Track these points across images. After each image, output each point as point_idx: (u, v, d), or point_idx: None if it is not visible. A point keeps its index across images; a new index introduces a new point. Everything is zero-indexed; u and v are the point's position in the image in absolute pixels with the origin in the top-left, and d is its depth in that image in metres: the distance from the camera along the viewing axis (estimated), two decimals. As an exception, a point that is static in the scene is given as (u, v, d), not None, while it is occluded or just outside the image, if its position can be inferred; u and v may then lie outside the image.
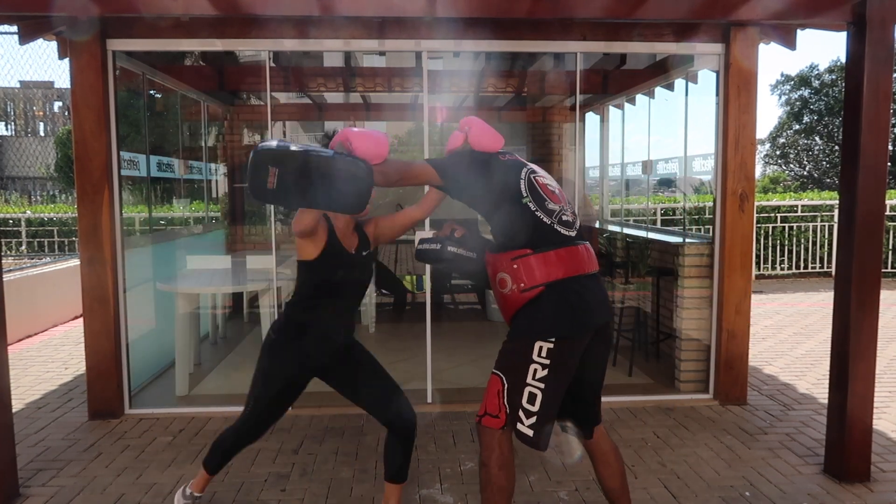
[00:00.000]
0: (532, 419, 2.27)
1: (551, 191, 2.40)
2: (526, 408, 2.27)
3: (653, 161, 6.98)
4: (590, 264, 2.38)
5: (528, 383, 2.27)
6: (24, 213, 10.97)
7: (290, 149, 2.15)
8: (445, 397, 4.51)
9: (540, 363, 2.27)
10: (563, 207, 2.39)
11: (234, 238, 7.50)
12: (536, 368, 2.27)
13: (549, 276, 2.29)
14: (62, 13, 3.59)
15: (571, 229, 2.38)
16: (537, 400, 2.26)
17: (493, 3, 3.34)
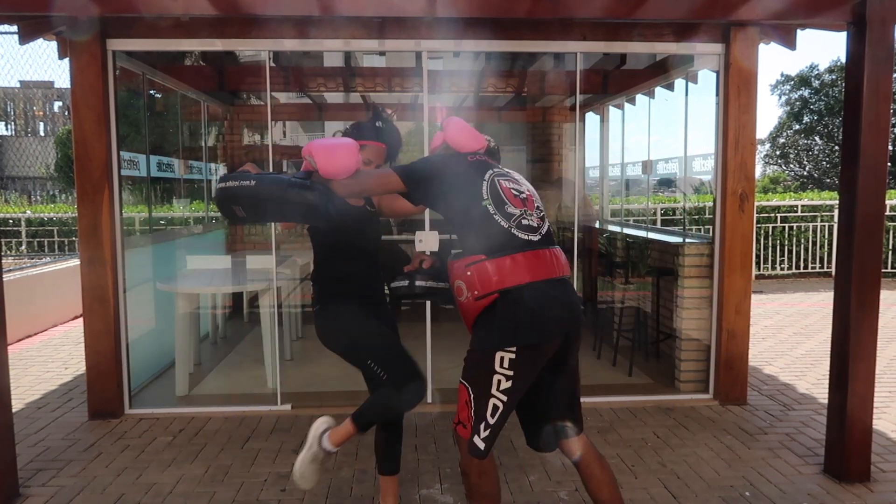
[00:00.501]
0: (487, 432, 2.23)
1: (514, 195, 2.32)
2: (487, 420, 2.23)
3: (653, 161, 6.98)
4: (554, 269, 2.27)
5: (493, 394, 2.21)
6: (24, 213, 10.97)
7: (240, 186, 2.25)
8: (445, 397, 4.51)
9: (503, 374, 2.19)
10: (524, 211, 2.30)
11: (234, 238, 7.50)
12: (500, 379, 2.20)
13: (503, 283, 2.20)
14: (62, 13, 3.59)
15: (534, 234, 2.28)
16: (498, 412, 2.22)
17: (493, 3, 3.34)
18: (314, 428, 2.67)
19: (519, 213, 2.28)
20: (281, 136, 12.62)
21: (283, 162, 8.79)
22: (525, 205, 2.32)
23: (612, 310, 5.92)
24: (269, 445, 3.75)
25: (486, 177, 2.34)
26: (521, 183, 2.42)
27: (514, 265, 2.20)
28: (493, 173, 2.37)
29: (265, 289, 4.74)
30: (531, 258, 2.23)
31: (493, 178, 2.34)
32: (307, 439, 2.64)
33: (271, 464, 3.54)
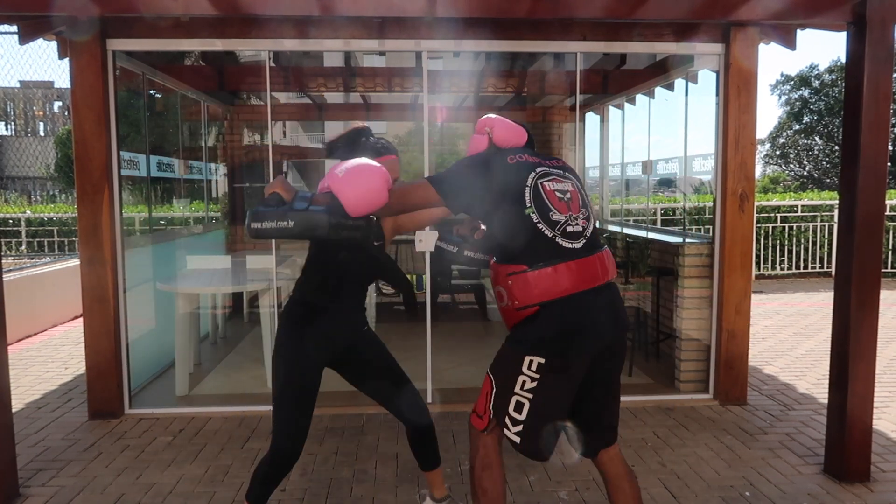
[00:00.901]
0: (518, 427, 2.21)
1: (559, 198, 2.20)
2: (512, 416, 2.22)
3: (653, 161, 6.98)
4: (598, 276, 2.19)
5: (516, 392, 2.20)
6: (24, 213, 10.97)
7: (277, 228, 2.15)
8: (445, 397, 4.51)
9: (529, 376, 2.18)
10: (570, 216, 2.19)
11: (234, 238, 7.50)
12: (525, 380, 2.19)
13: (545, 296, 2.14)
14: (62, 13, 3.59)
15: (578, 240, 2.18)
16: (524, 409, 2.20)
17: (493, 3, 3.34)
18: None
19: (564, 220, 2.18)
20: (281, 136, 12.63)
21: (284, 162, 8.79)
22: (570, 208, 2.20)
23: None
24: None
25: (530, 181, 2.20)
26: (565, 179, 2.27)
27: (556, 276, 2.13)
28: (537, 175, 2.22)
29: (265, 289, 4.74)
30: (574, 268, 2.15)
31: (537, 181, 2.21)
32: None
33: (271, 464, 3.53)
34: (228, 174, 7.61)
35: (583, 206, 2.25)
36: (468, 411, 4.24)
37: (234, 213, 7.56)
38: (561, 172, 2.28)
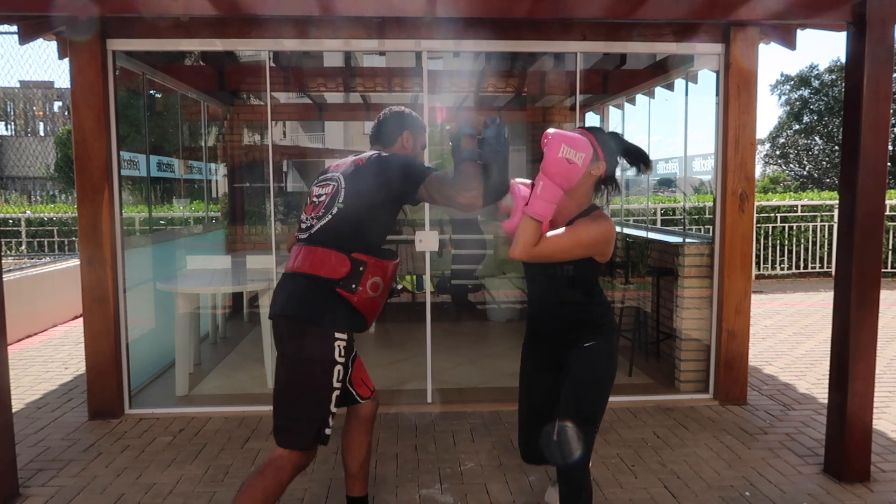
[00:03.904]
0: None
1: (313, 201, 2.49)
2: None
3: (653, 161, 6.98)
4: (293, 265, 2.42)
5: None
6: (24, 213, 10.97)
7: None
8: (445, 397, 4.51)
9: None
10: (309, 216, 2.46)
11: (234, 238, 7.50)
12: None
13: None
14: (62, 13, 3.60)
15: (304, 234, 2.45)
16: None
17: (493, 3, 3.34)
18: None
19: (305, 219, 2.48)
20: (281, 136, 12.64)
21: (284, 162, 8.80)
22: (315, 210, 2.46)
23: (613, 310, 5.92)
24: (269, 445, 3.75)
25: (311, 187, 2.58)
26: (328, 183, 2.49)
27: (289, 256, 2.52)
28: (315, 181, 2.57)
29: (265, 289, 4.74)
30: (290, 253, 2.51)
31: (312, 186, 2.57)
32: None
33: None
34: (228, 174, 7.62)
35: (325, 210, 2.42)
36: (468, 411, 4.27)
37: (234, 213, 7.57)
38: (329, 177, 2.50)
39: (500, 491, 3.22)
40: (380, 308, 2.50)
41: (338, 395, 2.41)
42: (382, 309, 2.60)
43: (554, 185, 2.17)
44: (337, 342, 2.37)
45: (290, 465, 2.36)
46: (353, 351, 2.52)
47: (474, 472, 3.43)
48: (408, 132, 2.69)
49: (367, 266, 2.37)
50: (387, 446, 3.77)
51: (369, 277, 2.37)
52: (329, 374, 2.36)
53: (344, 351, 2.40)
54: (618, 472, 3.40)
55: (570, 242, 2.28)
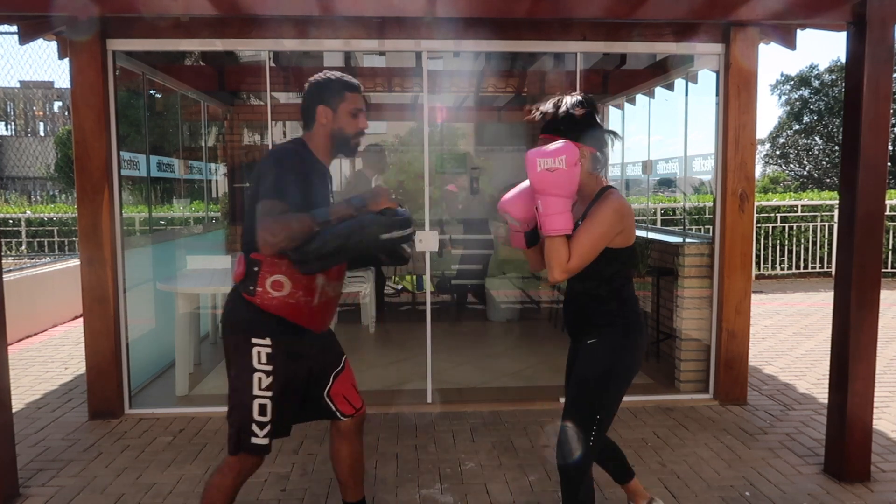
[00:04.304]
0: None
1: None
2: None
3: (653, 161, 6.99)
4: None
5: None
6: (24, 213, 10.97)
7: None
8: (445, 397, 4.50)
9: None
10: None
11: (234, 238, 7.49)
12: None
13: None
14: (62, 13, 3.60)
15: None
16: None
17: (493, 3, 3.34)
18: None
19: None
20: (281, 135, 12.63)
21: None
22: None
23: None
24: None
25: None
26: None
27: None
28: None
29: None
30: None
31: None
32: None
33: (271, 464, 3.54)
34: (228, 174, 7.62)
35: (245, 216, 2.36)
36: (468, 411, 4.27)
37: (234, 213, 7.56)
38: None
39: (500, 491, 3.22)
40: (318, 310, 2.36)
41: (264, 404, 2.28)
42: (335, 311, 2.47)
43: (551, 197, 2.12)
44: (255, 348, 2.27)
45: (227, 468, 2.34)
46: (290, 361, 2.34)
47: (474, 472, 3.43)
48: (322, 107, 2.33)
49: (261, 265, 2.24)
50: (387, 446, 3.77)
51: (266, 277, 2.24)
52: (248, 382, 2.27)
53: (267, 358, 2.27)
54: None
55: (594, 236, 2.19)
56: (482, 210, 7.77)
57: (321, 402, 2.53)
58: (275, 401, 2.31)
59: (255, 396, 2.28)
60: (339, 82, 2.34)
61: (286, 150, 2.28)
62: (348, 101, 2.33)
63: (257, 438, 2.30)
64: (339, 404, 2.55)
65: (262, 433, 2.31)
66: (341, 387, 2.56)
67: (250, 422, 2.29)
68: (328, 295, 2.40)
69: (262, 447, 2.32)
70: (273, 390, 2.30)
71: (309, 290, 2.30)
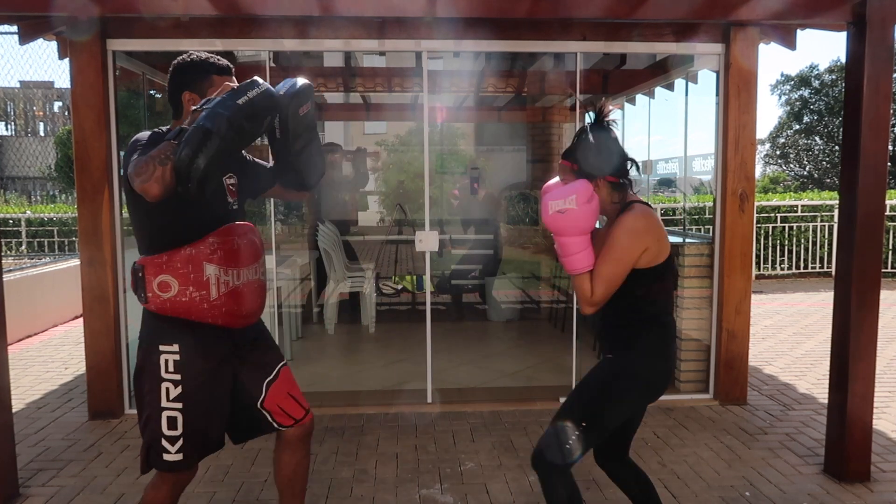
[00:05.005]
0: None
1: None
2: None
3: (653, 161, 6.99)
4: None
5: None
6: (24, 213, 10.97)
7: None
8: (445, 397, 4.51)
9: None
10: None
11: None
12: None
13: None
14: (62, 13, 3.59)
15: None
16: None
17: (493, 3, 3.34)
18: None
19: None
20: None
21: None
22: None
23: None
24: (269, 445, 3.74)
25: None
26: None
27: None
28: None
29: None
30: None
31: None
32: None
33: (271, 464, 3.53)
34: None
35: None
36: (469, 411, 4.27)
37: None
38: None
39: (500, 491, 3.22)
40: (218, 304, 2.13)
41: (173, 416, 2.12)
42: (255, 302, 2.25)
43: (566, 237, 2.12)
44: (163, 356, 2.11)
45: (161, 481, 2.22)
46: (203, 366, 2.15)
47: (474, 472, 3.43)
48: (189, 93, 2.14)
49: (144, 269, 2.09)
50: (387, 446, 3.77)
51: (152, 280, 2.08)
52: (156, 393, 2.12)
53: (174, 366, 2.11)
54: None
55: (612, 264, 2.12)
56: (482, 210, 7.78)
57: (254, 413, 2.31)
58: (187, 412, 2.13)
59: (164, 409, 2.11)
60: (204, 64, 2.15)
61: (138, 137, 2.11)
62: (216, 84, 2.12)
63: (169, 455, 2.13)
64: (276, 416, 2.33)
65: (173, 448, 2.13)
66: (276, 397, 2.32)
67: (159, 437, 2.12)
68: (231, 285, 2.15)
69: (174, 464, 2.15)
70: (183, 401, 2.12)
71: (199, 283, 2.09)
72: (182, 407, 2.12)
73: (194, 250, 2.09)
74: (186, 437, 2.14)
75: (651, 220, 2.15)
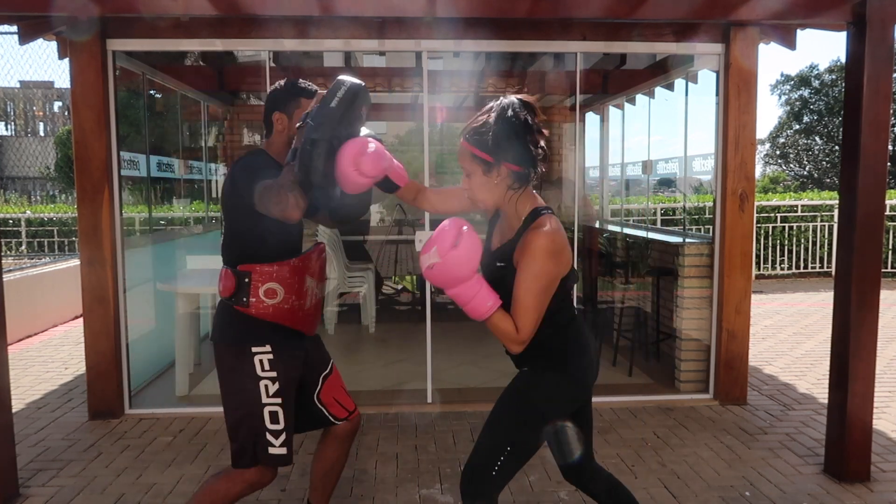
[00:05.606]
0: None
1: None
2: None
3: (653, 161, 6.99)
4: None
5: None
6: (24, 213, 10.97)
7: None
8: (445, 397, 4.51)
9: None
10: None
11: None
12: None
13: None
14: (62, 13, 3.60)
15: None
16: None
17: (493, 3, 3.34)
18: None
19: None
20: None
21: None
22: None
23: (612, 310, 5.93)
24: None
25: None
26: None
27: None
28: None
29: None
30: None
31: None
32: None
33: (271, 464, 3.53)
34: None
35: (221, 225, 2.41)
36: (468, 411, 4.27)
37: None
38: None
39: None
40: (310, 313, 2.36)
41: (275, 411, 2.27)
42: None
43: (452, 288, 1.88)
44: (257, 357, 2.25)
45: (240, 479, 2.31)
46: (290, 365, 2.32)
47: (474, 472, 3.43)
48: (278, 113, 2.33)
49: (251, 276, 2.22)
50: (387, 446, 3.77)
51: (259, 286, 2.22)
52: (255, 390, 2.26)
53: (269, 364, 2.26)
54: (618, 472, 3.40)
55: (542, 289, 1.91)
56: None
57: (312, 408, 2.49)
58: (285, 406, 2.29)
59: (266, 405, 2.26)
60: (294, 88, 2.34)
61: (249, 160, 2.29)
62: (303, 107, 2.31)
63: (274, 448, 2.27)
64: (331, 408, 2.51)
65: (278, 442, 2.27)
66: (331, 390, 2.52)
67: (264, 432, 2.26)
68: (317, 297, 2.41)
69: (280, 457, 2.28)
70: (281, 396, 2.28)
71: (301, 293, 2.29)
72: (281, 402, 2.28)
73: (301, 263, 2.29)
74: (287, 431, 2.30)
75: (562, 234, 1.96)
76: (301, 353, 2.39)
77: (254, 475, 2.31)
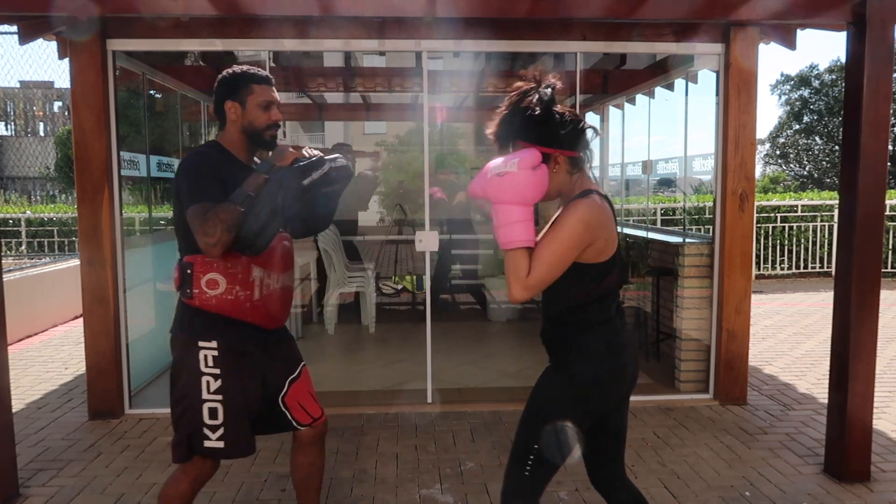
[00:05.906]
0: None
1: None
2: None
3: (653, 161, 6.98)
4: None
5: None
6: (24, 213, 10.97)
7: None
8: (445, 397, 4.50)
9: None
10: None
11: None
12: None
13: None
14: (62, 13, 3.60)
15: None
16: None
17: (493, 3, 3.34)
18: None
19: None
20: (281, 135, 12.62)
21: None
22: None
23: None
24: (269, 445, 3.75)
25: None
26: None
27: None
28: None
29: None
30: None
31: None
32: None
33: (271, 464, 3.54)
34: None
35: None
36: (469, 411, 4.27)
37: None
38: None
39: (500, 491, 3.22)
40: (260, 305, 2.26)
41: (214, 407, 2.22)
42: (286, 306, 2.38)
43: (502, 205, 1.86)
44: (202, 352, 2.21)
45: (183, 477, 2.30)
46: (241, 361, 2.27)
47: (474, 472, 3.43)
48: (230, 102, 2.28)
49: (193, 267, 2.19)
50: (387, 446, 3.77)
51: (200, 277, 2.18)
52: (195, 385, 2.22)
53: (213, 361, 2.22)
54: (618, 472, 3.40)
55: (556, 247, 1.87)
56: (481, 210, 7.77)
57: (276, 409, 2.42)
58: (227, 403, 2.24)
59: (205, 401, 2.22)
60: (246, 75, 2.29)
61: (194, 155, 2.25)
62: (256, 93, 2.28)
63: (210, 441, 2.24)
64: (295, 412, 2.44)
65: (214, 436, 2.24)
66: (297, 394, 2.45)
67: (201, 427, 2.23)
68: (271, 287, 2.30)
69: (216, 450, 2.25)
70: (223, 393, 2.23)
71: (246, 284, 2.22)
72: (222, 399, 2.24)
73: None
74: (227, 426, 2.25)
75: (606, 215, 1.98)
76: (258, 348, 2.32)
77: (193, 469, 2.30)
